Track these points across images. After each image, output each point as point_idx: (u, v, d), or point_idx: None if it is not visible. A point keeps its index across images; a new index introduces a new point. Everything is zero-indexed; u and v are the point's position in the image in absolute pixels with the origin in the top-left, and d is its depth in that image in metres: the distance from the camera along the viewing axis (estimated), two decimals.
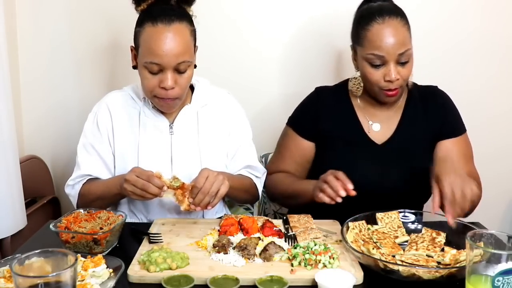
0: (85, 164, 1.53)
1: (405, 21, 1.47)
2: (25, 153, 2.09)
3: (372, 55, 1.45)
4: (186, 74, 1.41)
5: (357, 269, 1.12)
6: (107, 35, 2.06)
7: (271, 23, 2.06)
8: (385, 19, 1.44)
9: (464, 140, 1.59)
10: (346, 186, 1.30)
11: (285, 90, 2.10)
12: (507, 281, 0.89)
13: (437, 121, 1.57)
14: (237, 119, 1.61)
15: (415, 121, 1.57)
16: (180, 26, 1.38)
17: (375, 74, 1.47)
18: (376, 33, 1.44)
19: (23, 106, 2.13)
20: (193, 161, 1.53)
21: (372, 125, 1.58)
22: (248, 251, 1.17)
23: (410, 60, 1.47)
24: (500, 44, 2.04)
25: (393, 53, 1.43)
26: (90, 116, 1.57)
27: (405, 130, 1.56)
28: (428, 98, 1.60)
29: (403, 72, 1.46)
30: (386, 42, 1.43)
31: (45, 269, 0.89)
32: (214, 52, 1.98)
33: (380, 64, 1.46)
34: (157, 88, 1.40)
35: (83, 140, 1.55)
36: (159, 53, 1.35)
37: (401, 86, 1.49)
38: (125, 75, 2.02)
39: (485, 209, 2.05)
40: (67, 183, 1.55)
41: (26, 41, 2.07)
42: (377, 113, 1.59)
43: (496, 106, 2.09)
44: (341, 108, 1.61)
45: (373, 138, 1.57)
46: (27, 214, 1.81)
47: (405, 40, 1.45)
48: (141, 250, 1.21)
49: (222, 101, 1.61)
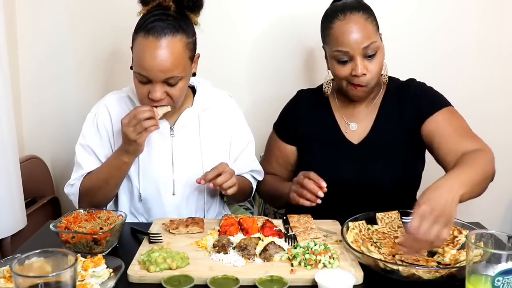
0: (86, 163, 1.51)
1: (368, 15, 1.46)
2: (25, 153, 2.09)
3: (337, 52, 1.45)
4: (178, 86, 1.38)
5: (357, 269, 1.12)
6: (107, 35, 2.06)
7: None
8: (347, 15, 1.44)
9: (449, 112, 1.50)
10: (320, 185, 1.33)
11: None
12: (507, 281, 0.89)
13: (413, 109, 1.52)
14: (238, 123, 1.62)
15: (391, 116, 1.55)
16: (172, 40, 1.33)
17: (342, 70, 1.47)
18: (339, 29, 1.45)
19: (23, 106, 2.13)
20: (195, 164, 1.53)
21: (349, 125, 1.59)
22: (248, 251, 1.17)
23: (379, 54, 1.47)
24: (501, 45, 2.04)
25: (357, 47, 1.43)
26: (89, 117, 1.55)
27: (381, 127, 1.55)
28: (403, 91, 1.57)
29: (371, 66, 1.45)
30: (349, 37, 1.43)
31: (45, 269, 0.89)
32: (212, 52, 1.97)
33: (346, 60, 1.45)
34: (146, 98, 1.38)
35: (82, 140, 1.53)
36: (146, 67, 1.33)
37: (371, 81, 1.48)
38: (125, 76, 2.01)
39: (485, 209, 2.07)
40: (67, 184, 1.53)
41: (26, 41, 2.07)
42: (354, 112, 1.60)
43: (496, 107, 2.09)
44: (320, 110, 1.63)
45: (350, 138, 1.57)
46: (27, 214, 1.81)
47: (369, 33, 1.44)
48: (141, 250, 1.21)
49: (223, 104, 1.60)
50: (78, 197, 1.51)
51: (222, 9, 2.01)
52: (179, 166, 1.52)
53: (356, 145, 1.56)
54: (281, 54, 2.07)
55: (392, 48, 1.70)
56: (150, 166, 1.50)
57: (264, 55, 2.08)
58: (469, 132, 1.46)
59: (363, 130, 1.57)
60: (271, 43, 2.06)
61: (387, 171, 1.51)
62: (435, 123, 1.47)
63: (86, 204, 1.48)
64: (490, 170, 1.32)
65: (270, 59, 2.08)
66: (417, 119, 1.50)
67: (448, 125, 1.46)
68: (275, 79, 2.09)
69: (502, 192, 2.15)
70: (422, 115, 1.50)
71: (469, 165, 1.26)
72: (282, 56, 2.07)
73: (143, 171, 1.51)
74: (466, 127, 1.47)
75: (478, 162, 1.29)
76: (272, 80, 2.09)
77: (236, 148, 1.60)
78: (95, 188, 1.48)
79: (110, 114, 1.53)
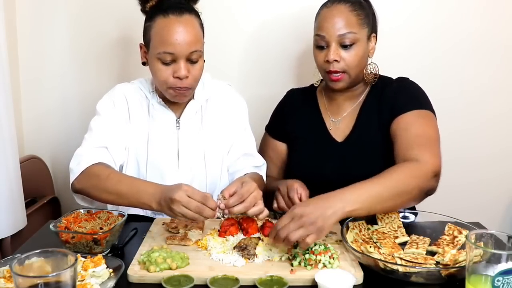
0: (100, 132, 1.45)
1: (356, 8, 1.48)
2: (25, 153, 2.09)
3: (316, 36, 1.51)
4: (198, 64, 1.43)
5: (357, 269, 1.12)
6: (108, 35, 2.06)
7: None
8: (333, 4, 1.49)
9: (420, 115, 1.44)
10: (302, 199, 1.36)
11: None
12: (507, 281, 0.89)
13: (389, 105, 1.49)
14: (237, 110, 1.62)
15: (371, 112, 1.54)
16: (190, 18, 1.41)
17: (319, 56, 1.51)
18: (322, 16, 1.50)
19: (23, 106, 2.13)
20: (198, 156, 1.55)
21: (334, 122, 1.60)
22: (248, 251, 1.17)
23: (357, 47, 1.47)
24: (500, 44, 2.04)
25: (333, 34, 1.46)
26: (105, 100, 1.51)
27: (361, 125, 1.55)
28: (387, 88, 1.54)
29: (346, 55, 1.47)
30: (328, 23, 1.47)
31: (45, 269, 0.89)
32: (217, 48, 1.97)
33: (323, 46, 1.49)
34: (170, 78, 1.41)
35: (97, 117, 1.49)
36: (172, 42, 1.37)
37: (345, 71, 1.48)
38: (126, 75, 2.02)
39: (485, 209, 2.08)
40: (76, 152, 1.41)
41: (26, 41, 2.07)
42: (339, 110, 1.61)
43: (496, 107, 2.09)
44: (308, 108, 1.66)
45: (334, 135, 1.58)
46: (27, 214, 1.80)
47: (349, 23, 1.46)
48: (141, 250, 1.21)
49: (223, 95, 1.62)
50: (76, 176, 1.37)
51: (215, 8, 2.01)
52: (184, 158, 1.54)
53: (340, 143, 1.56)
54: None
55: (390, 47, 1.71)
56: (158, 156, 1.52)
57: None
58: (425, 141, 1.37)
59: (347, 127, 1.58)
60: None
61: (368, 169, 1.46)
62: (401, 123, 1.44)
63: (80, 190, 1.36)
64: (414, 184, 1.26)
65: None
66: (390, 116, 1.48)
67: (409, 129, 1.41)
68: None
69: (502, 192, 2.16)
70: (394, 112, 1.47)
71: (379, 179, 1.24)
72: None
73: (151, 164, 1.52)
74: (427, 135, 1.39)
75: (394, 177, 1.25)
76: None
77: (233, 134, 1.60)
78: (101, 188, 1.33)
79: (127, 100, 1.53)
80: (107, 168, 1.37)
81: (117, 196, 1.30)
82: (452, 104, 1.97)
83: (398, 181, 1.25)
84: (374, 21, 1.55)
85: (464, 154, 2.05)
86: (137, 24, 1.50)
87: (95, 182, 1.34)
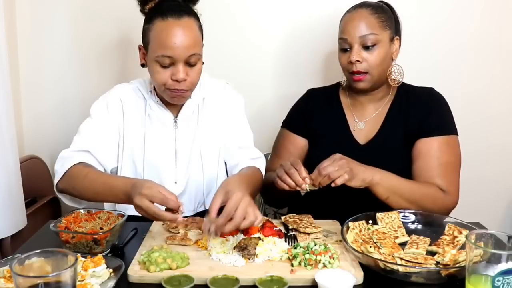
0: (87, 135, 1.48)
1: (377, 11, 1.53)
2: (25, 153, 2.09)
3: (340, 39, 1.56)
4: (196, 67, 1.43)
5: (357, 269, 1.12)
6: (108, 36, 2.06)
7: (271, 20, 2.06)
8: (356, 9, 1.55)
9: (447, 143, 1.51)
10: (303, 177, 1.34)
11: (282, 91, 2.10)
12: (507, 281, 0.89)
13: (417, 119, 1.54)
14: (232, 107, 1.62)
15: (397, 121, 1.57)
16: (189, 20, 1.40)
17: (342, 57, 1.56)
18: (345, 20, 1.56)
19: (23, 106, 2.13)
20: (195, 155, 1.55)
21: (357, 124, 1.61)
22: (248, 251, 1.16)
23: (379, 48, 1.51)
24: (500, 45, 2.04)
25: (355, 36, 1.50)
26: (100, 103, 1.54)
27: (387, 130, 1.57)
28: (417, 98, 1.59)
29: (368, 56, 1.51)
30: (350, 26, 1.52)
31: (45, 269, 0.89)
32: (217, 50, 1.97)
33: (347, 49, 1.54)
34: (169, 81, 1.42)
35: (88, 119, 1.52)
36: (171, 46, 1.37)
37: (367, 72, 1.51)
38: (126, 75, 2.02)
39: (485, 209, 2.08)
40: (60, 155, 1.45)
41: (26, 41, 2.07)
42: (364, 112, 1.62)
43: (495, 107, 2.09)
44: (331, 107, 1.66)
45: (357, 138, 1.60)
46: (27, 214, 1.80)
47: (370, 25, 1.50)
48: (141, 250, 1.21)
49: (219, 93, 1.62)
50: (60, 178, 1.41)
51: (216, 8, 2.01)
52: (181, 157, 1.54)
53: (362, 146, 1.58)
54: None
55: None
56: (155, 156, 1.53)
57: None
58: (450, 172, 1.49)
59: (371, 131, 1.59)
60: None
61: None
62: (427, 147, 1.51)
63: (63, 191, 1.42)
64: (431, 207, 1.41)
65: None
66: (417, 132, 1.53)
67: (436, 157, 1.49)
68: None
69: (502, 192, 2.16)
70: (422, 132, 1.52)
71: (409, 181, 1.44)
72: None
73: (148, 163, 1.53)
74: (452, 165, 1.51)
75: (421, 190, 1.43)
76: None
77: (228, 129, 1.60)
78: (81, 188, 1.38)
79: (122, 103, 1.55)
80: (86, 168, 1.41)
81: (95, 194, 1.36)
82: (452, 104, 1.97)
83: (422, 195, 1.42)
84: (397, 24, 1.59)
85: (464, 154, 2.05)
86: (137, 25, 1.50)
87: (74, 182, 1.38)
